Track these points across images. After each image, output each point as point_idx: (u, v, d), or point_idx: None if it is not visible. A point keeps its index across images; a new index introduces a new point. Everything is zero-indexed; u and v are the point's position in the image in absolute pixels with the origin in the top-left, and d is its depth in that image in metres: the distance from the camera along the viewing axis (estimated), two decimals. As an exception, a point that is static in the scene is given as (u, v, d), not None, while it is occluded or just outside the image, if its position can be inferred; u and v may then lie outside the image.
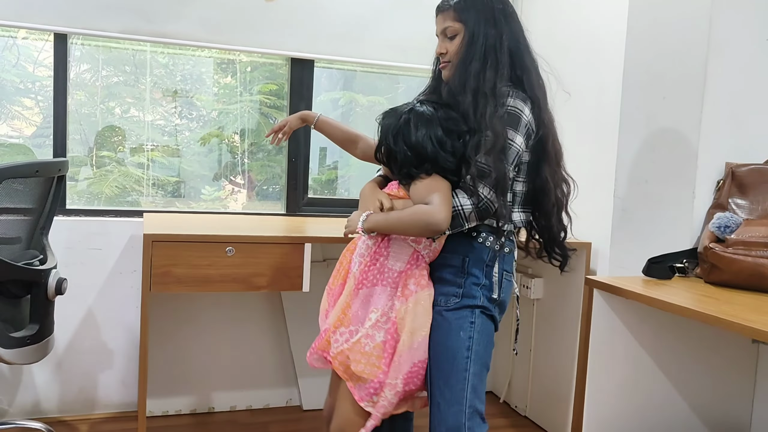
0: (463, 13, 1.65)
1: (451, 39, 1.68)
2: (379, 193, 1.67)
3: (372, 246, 1.65)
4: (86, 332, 2.60)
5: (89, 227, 2.57)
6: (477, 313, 1.64)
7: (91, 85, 2.69)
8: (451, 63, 1.68)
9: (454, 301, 1.64)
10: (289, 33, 2.78)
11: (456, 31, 1.66)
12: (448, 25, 1.67)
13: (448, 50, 1.68)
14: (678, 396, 1.90)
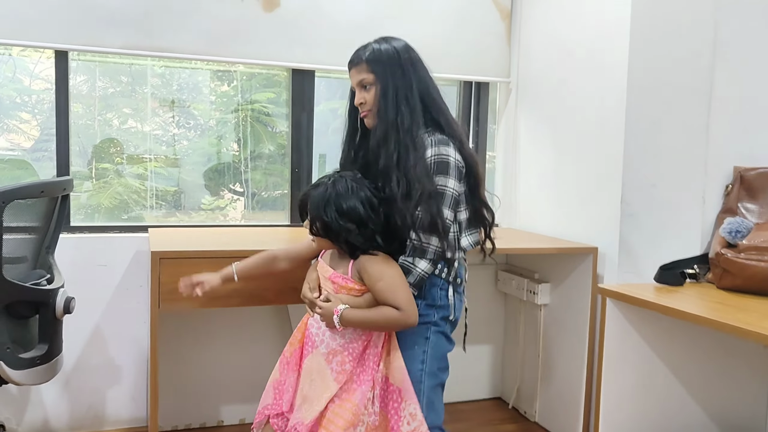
0: (374, 65, 1.76)
1: (367, 89, 1.77)
2: (331, 294, 1.73)
3: (352, 342, 1.71)
4: (94, 349, 2.58)
5: (94, 244, 2.56)
6: (432, 330, 1.74)
7: (87, 96, 2.68)
8: (371, 111, 1.77)
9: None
10: (289, 43, 2.77)
11: (370, 82, 1.76)
12: (363, 77, 1.77)
13: (366, 100, 1.77)
14: (692, 402, 1.90)
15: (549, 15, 2.86)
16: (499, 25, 3.04)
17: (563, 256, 2.65)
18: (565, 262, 2.66)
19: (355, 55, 1.81)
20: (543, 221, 2.80)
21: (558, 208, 2.76)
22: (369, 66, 1.76)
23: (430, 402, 1.72)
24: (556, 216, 2.76)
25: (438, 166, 1.67)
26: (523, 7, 3.02)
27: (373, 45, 1.80)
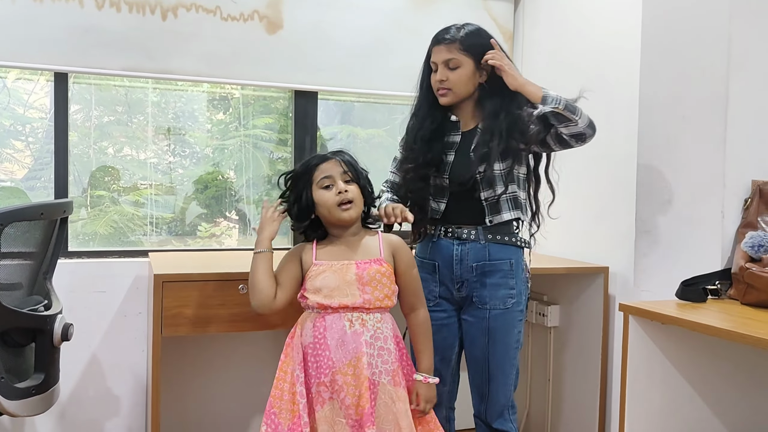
0: (468, 48, 1.83)
1: (452, 69, 1.83)
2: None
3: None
4: (91, 379, 2.49)
5: (92, 269, 2.48)
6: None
7: (82, 125, 2.64)
8: (451, 91, 1.85)
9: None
10: (292, 65, 2.75)
11: (459, 63, 1.82)
12: (453, 56, 1.83)
13: (449, 78, 1.84)
14: (717, 422, 1.84)
15: (553, 34, 2.86)
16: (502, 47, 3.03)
17: (573, 277, 2.61)
18: (575, 283, 2.61)
19: (449, 34, 1.85)
20: (552, 241, 2.75)
21: (568, 227, 2.72)
22: (462, 47, 1.82)
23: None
24: (566, 236, 2.72)
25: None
26: (525, 27, 3.02)
27: (461, 27, 1.86)
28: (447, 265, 1.90)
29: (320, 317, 1.70)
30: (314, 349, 1.69)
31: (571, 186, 2.64)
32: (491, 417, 1.90)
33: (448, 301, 1.93)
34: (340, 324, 1.67)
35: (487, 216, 1.86)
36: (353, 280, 1.68)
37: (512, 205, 1.87)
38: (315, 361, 1.69)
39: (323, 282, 1.69)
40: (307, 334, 1.71)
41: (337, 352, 1.66)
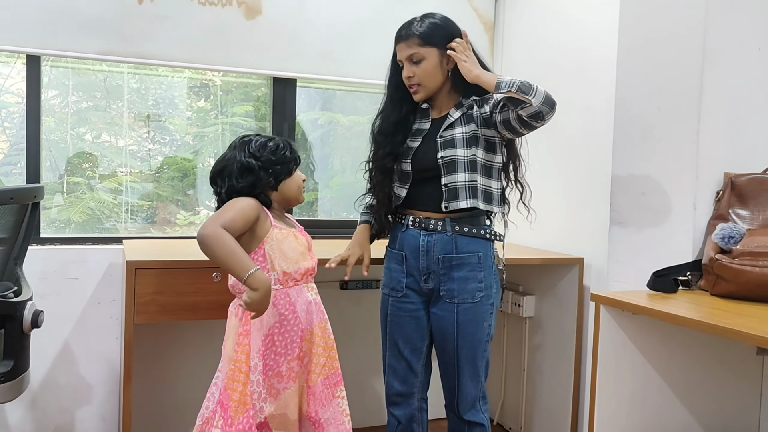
0: (427, 39, 1.83)
1: (417, 64, 1.84)
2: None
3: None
4: (62, 366, 2.46)
5: (65, 256, 2.45)
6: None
7: (60, 111, 2.60)
8: (420, 86, 1.86)
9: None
10: (270, 52, 2.72)
11: (422, 56, 1.83)
12: (414, 51, 1.83)
13: (415, 73, 1.85)
14: (686, 411, 1.87)
15: (533, 26, 2.86)
16: (482, 38, 3.03)
17: (548, 268, 2.62)
18: (550, 274, 2.63)
19: (407, 30, 1.85)
20: (528, 232, 2.77)
21: (542, 218, 2.73)
22: (422, 40, 1.82)
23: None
24: (540, 227, 2.73)
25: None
26: (506, 18, 3.02)
27: (420, 20, 1.86)
28: (414, 256, 1.90)
29: (281, 293, 1.73)
30: (282, 326, 1.71)
31: (548, 177, 2.65)
32: (462, 409, 1.91)
33: (416, 293, 1.93)
34: (303, 296, 1.75)
35: (444, 201, 1.84)
36: (305, 245, 1.81)
37: (470, 194, 1.83)
38: (283, 339, 1.71)
39: (289, 245, 1.75)
40: (267, 316, 1.71)
41: (307, 321, 1.75)
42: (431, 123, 1.93)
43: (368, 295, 2.83)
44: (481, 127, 1.85)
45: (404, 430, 1.98)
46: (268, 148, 1.78)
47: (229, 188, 1.76)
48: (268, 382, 1.71)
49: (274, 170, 1.78)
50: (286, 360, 1.72)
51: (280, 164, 1.79)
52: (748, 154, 1.93)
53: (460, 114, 1.89)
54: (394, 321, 1.94)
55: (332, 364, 1.81)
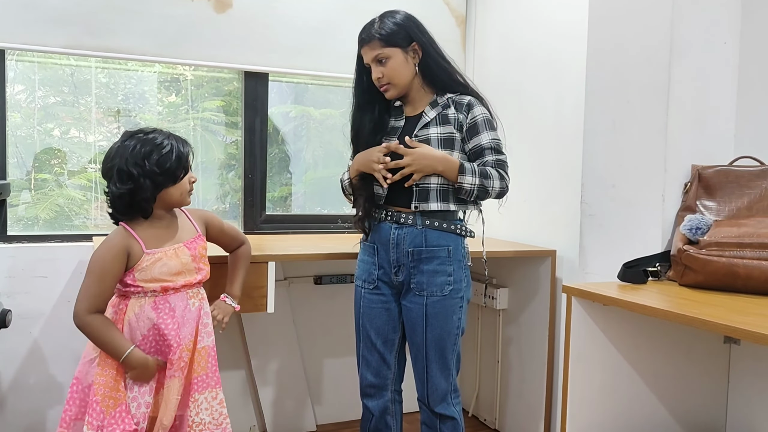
0: (390, 39, 1.85)
1: (383, 63, 1.86)
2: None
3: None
4: (32, 366, 2.42)
5: (33, 254, 2.40)
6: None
7: (26, 106, 2.54)
8: (390, 84, 1.88)
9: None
10: (242, 46, 2.69)
11: (386, 56, 1.85)
12: (377, 52, 1.86)
13: (384, 74, 1.87)
14: (656, 400, 1.90)
15: (505, 19, 2.87)
16: (454, 32, 3.04)
17: (521, 260, 2.65)
18: (523, 266, 2.65)
19: (367, 33, 1.87)
20: (500, 225, 2.79)
21: (515, 211, 2.75)
22: (382, 42, 1.84)
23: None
24: (513, 219, 2.76)
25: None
26: (478, 12, 3.03)
27: (379, 21, 1.87)
28: (385, 248, 1.90)
29: (161, 298, 1.71)
30: (159, 330, 1.70)
31: (520, 170, 2.67)
32: (433, 402, 1.92)
33: (387, 285, 1.93)
34: (183, 302, 1.74)
35: (414, 201, 1.86)
36: (189, 260, 1.75)
37: (441, 196, 1.86)
38: (164, 340, 1.70)
39: (161, 269, 1.70)
40: (146, 317, 1.70)
41: (183, 329, 1.72)
42: (405, 120, 1.93)
43: (342, 289, 2.83)
44: (457, 131, 1.87)
45: (378, 421, 1.98)
46: (152, 160, 1.69)
47: (111, 192, 1.71)
48: (149, 384, 1.71)
49: (157, 180, 1.71)
50: (168, 359, 1.71)
51: (164, 175, 1.72)
52: (715, 146, 1.97)
53: (435, 114, 1.89)
54: (366, 313, 1.95)
55: (186, 375, 1.75)
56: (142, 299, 1.71)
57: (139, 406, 1.69)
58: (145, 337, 1.71)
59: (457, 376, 1.95)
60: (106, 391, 1.66)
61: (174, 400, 1.70)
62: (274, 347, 2.75)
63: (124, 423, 1.64)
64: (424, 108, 1.92)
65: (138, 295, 1.71)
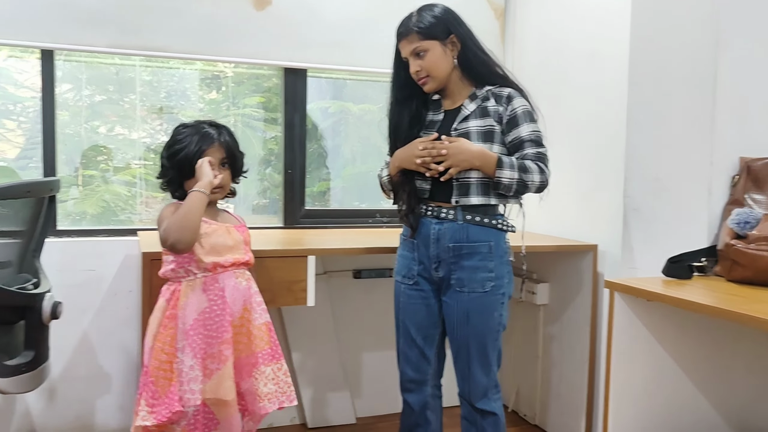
0: (428, 32, 1.84)
1: (421, 57, 1.85)
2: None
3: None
4: (81, 357, 2.50)
5: (82, 248, 2.48)
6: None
7: (73, 105, 2.62)
8: (429, 77, 1.86)
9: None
10: (281, 42, 2.72)
11: (425, 48, 1.84)
12: (416, 45, 1.84)
13: (422, 67, 1.85)
14: (702, 398, 1.86)
15: (544, 11, 2.83)
16: (492, 24, 3.02)
17: (562, 255, 2.61)
18: (564, 261, 2.62)
19: (404, 27, 1.86)
20: (540, 219, 2.76)
21: (556, 205, 2.72)
22: (421, 36, 1.83)
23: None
24: (554, 213, 2.72)
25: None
26: (517, 4, 3.00)
27: (417, 15, 1.86)
28: (425, 244, 1.89)
29: (210, 278, 1.77)
30: (212, 311, 1.76)
31: (560, 164, 2.64)
32: (474, 397, 1.91)
33: (427, 281, 1.92)
34: (231, 281, 1.80)
35: (454, 196, 1.84)
36: (240, 240, 1.85)
37: (482, 191, 1.84)
38: (213, 323, 1.75)
39: (218, 239, 1.79)
40: (199, 301, 1.75)
41: (234, 306, 1.79)
42: (444, 114, 1.92)
43: (381, 283, 2.84)
44: (497, 124, 1.86)
45: (418, 416, 1.99)
46: (167, 152, 1.83)
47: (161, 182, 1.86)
48: (202, 364, 1.75)
49: (180, 170, 1.80)
50: (217, 342, 1.76)
51: (173, 168, 1.81)
52: (764, 138, 1.91)
53: (475, 106, 1.88)
54: (407, 308, 1.95)
55: (250, 348, 1.83)
56: (192, 282, 1.77)
57: (197, 391, 1.74)
58: (197, 321, 1.75)
59: (497, 371, 1.95)
60: (160, 373, 1.74)
61: (230, 377, 1.76)
62: (314, 341, 2.78)
63: (173, 404, 1.71)
64: (463, 101, 1.90)
65: (188, 278, 1.77)
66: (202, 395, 1.74)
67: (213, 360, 1.76)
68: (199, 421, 1.76)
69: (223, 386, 1.75)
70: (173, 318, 1.76)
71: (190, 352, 1.73)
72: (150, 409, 1.72)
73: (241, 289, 1.81)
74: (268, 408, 1.81)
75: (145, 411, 1.73)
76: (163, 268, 1.81)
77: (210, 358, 1.76)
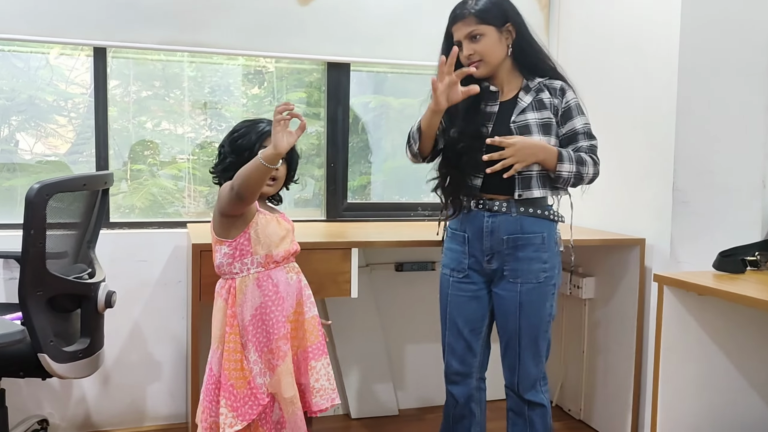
0: (487, 17, 1.82)
1: (477, 40, 1.83)
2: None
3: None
4: (133, 345, 2.58)
5: (133, 239, 2.56)
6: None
7: (121, 100, 2.69)
8: (482, 62, 1.84)
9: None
10: (324, 37, 2.74)
11: (481, 32, 1.82)
12: (472, 28, 1.82)
13: (476, 50, 1.83)
14: (755, 394, 1.82)
15: (589, 2, 2.79)
16: (537, 16, 2.98)
17: (608, 249, 2.58)
18: (610, 255, 2.58)
19: (460, 9, 1.84)
20: (585, 213, 2.72)
21: (601, 197, 2.68)
22: (479, 19, 1.81)
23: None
24: (599, 206, 2.69)
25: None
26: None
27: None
28: (477, 237, 1.89)
29: (263, 274, 1.78)
30: (266, 307, 1.77)
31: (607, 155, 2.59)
32: (523, 389, 1.91)
33: (477, 273, 1.92)
34: (284, 276, 1.81)
35: (517, 189, 1.84)
36: (289, 229, 1.87)
37: (541, 183, 1.85)
38: (270, 319, 1.77)
39: (272, 230, 1.80)
40: (253, 297, 1.77)
41: (288, 301, 1.80)
42: (499, 106, 1.89)
43: (423, 276, 2.85)
44: (553, 116, 1.86)
45: (462, 408, 1.99)
46: (232, 135, 1.84)
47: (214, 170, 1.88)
48: (265, 358, 1.77)
49: (239, 155, 1.79)
50: (275, 338, 1.77)
51: (237, 153, 1.80)
52: (822, 128, 1.84)
53: (530, 98, 1.87)
54: (455, 301, 1.95)
55: (304, 344, 1.84)
56: (246, 278, 1.79)
57: (263, 384, 1.77)
58: (253, 316, 1.78)
59: (545, 362, 1.94)
60: (236, 374, 1.76)
61: (290, 372, 1.77)
62: (358, 332, 2.81)
63: (257, 398, 1.74)
64: (516, 92, 1.89)
65: (242, 274, 1.79)
66: (268, 389, 1.76)
67: (273, 356, 1.77)
68: (269, 418, 1.78)
69: (283, 382, 1.76)
70: (234, 317, 1.79)
71: (252, 347, 1.76)
72: (235, 413, 1.74)
73: (292, 284, 1.84)
74: (321, 405, 1.81)
75: (230, 417, 1.73)
76: (217, 259, 1.81)
77: (270, 354, 1.77)
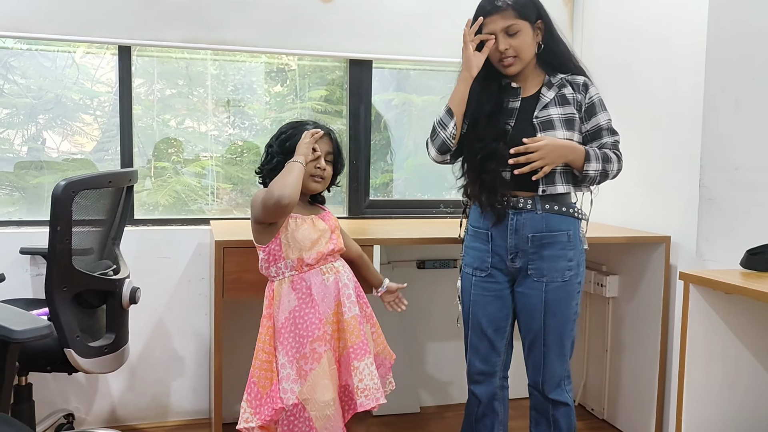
0: (524, 12, 1.79)
1: (513, 36, 1.80)
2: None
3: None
4: (157, 341, 2.61)
5: (157, 236, 2.59)
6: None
7: (145, 99, 2.72)
8: (517, 57, 1.81)
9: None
10: (346, 34, 2.75)
11: (519, 28, 1.79)
12: (511, 23, 1.78)
13: (512, 45, 1.80)
14: (783, 396, 1.78)
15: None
16: (561, 11, 2.95)
17: (633, 247, 2.54)
18: (634, 253, 2.55)
19: (500, 1, 1.79)
20: (610, 210, 2.69)
21: (625, 194, 2.65)
22: (517, 13, 1.79)
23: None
24: (627, 205, 2.66)
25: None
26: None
27: None
28: (501, 235, 1.87)
29: (297, 277, 1.79)
30: (301, 310, 1.78)
31: (631, 152, 2.56)
32: (548, 388, 1.90)
33: (501, 272, 1.90)
34: (319, 278, 1.80)
35: (542, 185, 1.82)
36: (326, 228, 1.86)
37: (565, 179, 1.84)
38: (303, 321, 1.77)
39: (303, 234, 1.80)
40: (288, 300, 1.79)
41: (323, 304, 1.79)
42: (521, 102, 1.88)
43: (445, 274, 2.84)
44: (576, 112, 1.85)
45: (485, 408, 1.98)
46: (279, 137, 1.86)
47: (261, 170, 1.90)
48: (296, 365, 1.77)
49: (287, 155, 1.82)
50: (309, 341, 1.76)
51: (285, 153, 1.82)
52: None
53: (553, 94, 1.86)
54: (478, 301, 1.93)
55: (345, 345, 1.83)
56: (282, 282, 1.81)
57: (289, 390, 1.76)
58: (287, 319, 1.79)
59: (569, 360, 1.92)
60: (261, 373, 1.78)
61: (325, 375, 1.77)
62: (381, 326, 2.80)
63: (275, 401, 1.75)
64: (538, 88, 1.88)
65: (278, 278, 1.81)
66: (298, 396, 1.75)
67: (306, 360, 1.76)
68: (296, 425, 1.76)
69: (319, 385, 1.75)
70: (269, 317, 1.81)
71: (282, 350, 1.77)
72: (253, 410, 1.77)
73: (329, 285, 1.82)
74: (366, 405, 1.79)
75: (248, 413, 1.77)
76: (259, 263, 1.85)
77: (303, 359, 1.77)
